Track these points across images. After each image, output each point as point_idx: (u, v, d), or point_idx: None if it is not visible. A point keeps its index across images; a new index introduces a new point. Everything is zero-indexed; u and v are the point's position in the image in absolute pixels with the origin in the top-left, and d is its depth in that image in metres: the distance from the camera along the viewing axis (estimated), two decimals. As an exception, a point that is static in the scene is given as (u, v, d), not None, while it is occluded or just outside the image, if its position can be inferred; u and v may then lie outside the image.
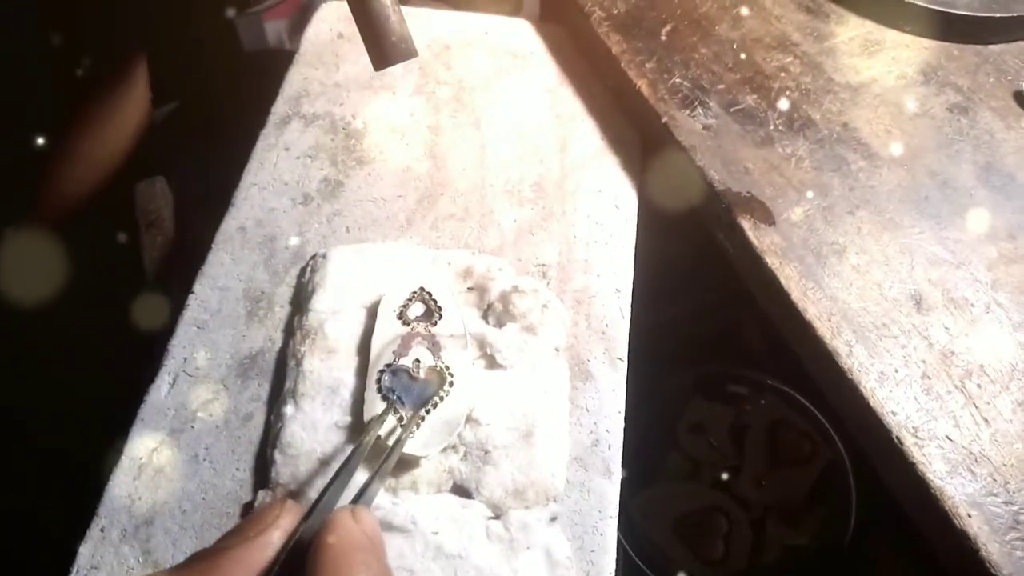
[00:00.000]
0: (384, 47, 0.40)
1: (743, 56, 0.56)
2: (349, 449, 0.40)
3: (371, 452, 0.39)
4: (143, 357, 0.47)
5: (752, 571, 0.58)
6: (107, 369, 0.60)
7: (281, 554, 0.28)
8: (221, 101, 0.72)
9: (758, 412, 0.61)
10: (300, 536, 0.29)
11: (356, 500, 0.32)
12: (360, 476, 0.38)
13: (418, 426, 0.41)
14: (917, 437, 0.41)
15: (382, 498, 0.40)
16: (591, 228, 0.51)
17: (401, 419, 0.40)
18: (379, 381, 0.42)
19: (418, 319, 0.45)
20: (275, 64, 0.62)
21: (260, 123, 0.56)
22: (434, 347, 0.43)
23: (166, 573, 0.27)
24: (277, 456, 0.41)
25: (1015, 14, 0.57)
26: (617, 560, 0.41)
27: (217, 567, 0.27)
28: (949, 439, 0.41)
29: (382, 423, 0.40)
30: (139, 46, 0.68)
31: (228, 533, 0.29)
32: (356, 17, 0.41)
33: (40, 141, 0.61)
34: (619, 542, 0.41)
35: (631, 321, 0.48)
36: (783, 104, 0.54)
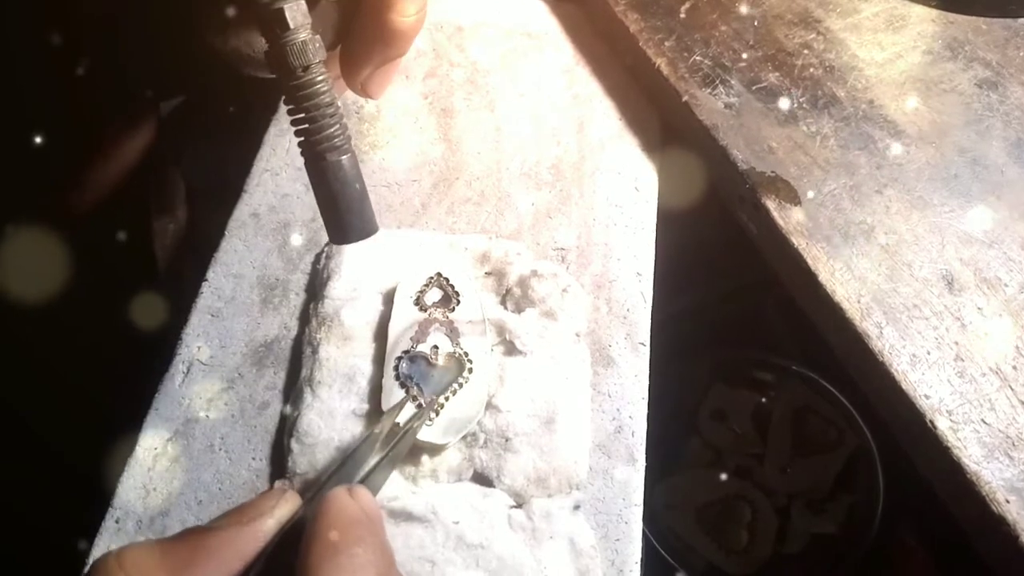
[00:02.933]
0: (344, 226, 0.36)
1: (764, 33, 0.55)
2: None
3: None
4: (148, 353, 0.47)
5: (777, 560, 0.56)
6: (109, 368, 0.59)
7: (271, 544, 0.28)
8: (228, 88, 0.71)
9: (782, 398, 0.59)
10: (299, 519, 0.28)
11: (361, 483, 0.32)
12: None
13: (437, 413, 0.40)
14: (952, 421, 0.39)
15: (401, 487, 0.39)
16: (610, 211, 0.50)
17: (420, 407, 0.40)
18: (397, 368, 0.41)
19: (435, 305, 0.44)
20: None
21: (271, 108, 0.55)
22: (452, 333, 0.42)
23: (156, 544, 0.27)
24: (294, 445, 0.40)
25: (1046, -14, 0.55)
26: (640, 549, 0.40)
27: (206, 547, 0.27)
28: (985, 423, 0.39)
29: (399, 411, 0.39)
30: (139, 42, 0.67)
31: (224, 514, 0.29)
32: (316, 192, 0.36)
33: (39, 140, 0.60)
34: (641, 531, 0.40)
35: (652, 306, 0.47)
36: (806, 82, 0.52)
